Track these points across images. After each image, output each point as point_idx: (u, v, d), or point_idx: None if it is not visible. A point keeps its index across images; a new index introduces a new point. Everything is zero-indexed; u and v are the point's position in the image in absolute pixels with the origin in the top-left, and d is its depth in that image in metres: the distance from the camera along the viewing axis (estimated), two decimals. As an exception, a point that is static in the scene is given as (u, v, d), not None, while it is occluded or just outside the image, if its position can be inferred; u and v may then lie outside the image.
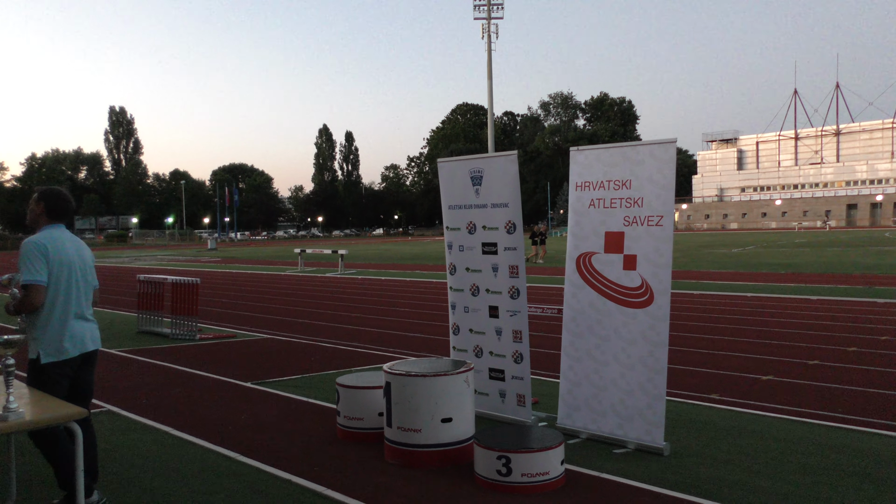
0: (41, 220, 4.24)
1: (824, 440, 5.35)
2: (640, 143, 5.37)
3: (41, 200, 4.23)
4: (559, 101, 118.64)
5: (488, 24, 53.15)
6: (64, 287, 4.14)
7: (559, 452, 4.51)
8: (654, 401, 5.19)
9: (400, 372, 4.97)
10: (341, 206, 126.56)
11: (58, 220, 4.28)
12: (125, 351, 10.02)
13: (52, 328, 4.09)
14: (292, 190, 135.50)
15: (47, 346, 4.08)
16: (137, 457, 5.26)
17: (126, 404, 6.90)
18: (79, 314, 4.24)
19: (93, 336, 4.35)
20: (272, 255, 45.50)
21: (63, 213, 4.28)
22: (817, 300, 14.04)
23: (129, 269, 32.32)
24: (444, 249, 6.89)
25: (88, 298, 4.36)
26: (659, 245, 5.23)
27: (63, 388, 4.16)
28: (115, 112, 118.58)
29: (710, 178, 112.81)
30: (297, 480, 4.69)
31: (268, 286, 21.07)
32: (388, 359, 8.94)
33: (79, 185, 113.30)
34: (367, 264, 31.36)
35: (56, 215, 4.26)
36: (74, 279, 4.20)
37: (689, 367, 8.09)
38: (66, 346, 4.13)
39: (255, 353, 9.65)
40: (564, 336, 5.77)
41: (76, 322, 4.20)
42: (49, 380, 4.07)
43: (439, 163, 6.48)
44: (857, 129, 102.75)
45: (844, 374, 7.57)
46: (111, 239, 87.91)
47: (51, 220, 4.25)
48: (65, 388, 4.18)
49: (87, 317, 4.31)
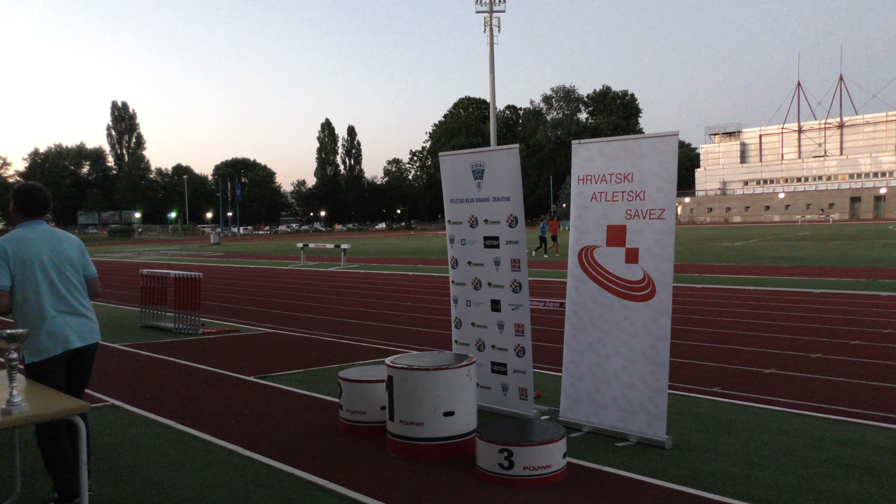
0: (17, 218, 4.20)
1: (827, 433, 5.35)
2: (642, 136, 5.36)
3: (12, 199, 4.18)
4: (561, 95, 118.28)
5: (490, 17, 53.01)
6: (32, 285, 4.04)
7: (561, 446, 4.52)
8: (656, 394, 5.19)
9: (402, 366, 4.97)
10: (344, 200, 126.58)
11: (31, 216, 4.18)
12: (128, 345, 10.04)
13: (29, 328, 4.04)
14: (295, 184, 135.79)
15: (28, 346, 4.03)
16: (141, 450, 5.28)
17: (129, 398, 6.92)
18: (60, 309, 4.10)
19: (81, 331, 4.18)
20: (275, 249, 45.55)
21: (34, 208, 4.17)
22: (820, 293, 14.02)
23: (133, 263, 32.37)
24: (446, 243, 6.85)
25: (74, 291, 4.19)
26: (661, 238, 5.22)
27: (56, 385, 4.07)
28: (118, 107, 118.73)
29: (712, 171, 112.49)
30: (300, 474, 4.70)
31: (270, 281, 21.09)
32: (390, 352, 8.95)
33: (81, 180, 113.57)
34: (369, 258, 31.38)
35: (28, 212, 4.17)
36: (44, 275, 4.07)
37: (691, 360, 8.09)
38: (45, 345, 4.03)
39: (258, 348, 9.67)
40: (567, 329, 5.77)
41: (58, 318, 4.08)
42: (38, 379, 4.01)
43: (441, 156, 6.48)
44: (861, 122, 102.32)
45: (847, 367, 7.56)
46: (114, 234, 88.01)
47: (25, 217, 4.18)
48: (59, 385, 4.09)
49: (74, 311, 4.16)
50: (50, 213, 4.35)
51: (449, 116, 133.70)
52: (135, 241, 79.07)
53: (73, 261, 4.23)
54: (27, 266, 4.05)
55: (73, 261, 4.24)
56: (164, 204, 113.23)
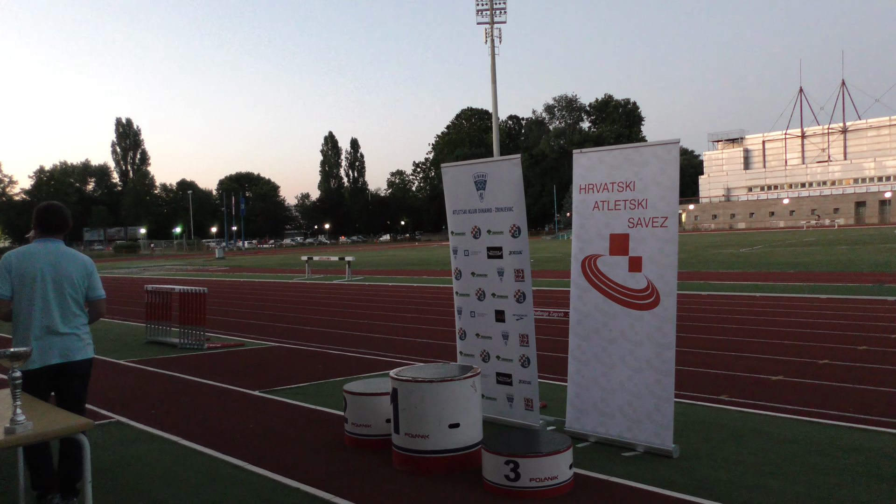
0: (36, 233, 4.42)
1: (836, 440, 5.31)
2: (644, 145, 5.36)
3: (33, 216, 4.40)
4: (564, 104, 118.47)
5: (491, 28, 53.26)
6: (27, 300, 4.24)
7: (567, 456, 4.49)
8: (663, 403, 5.16)
9: (407, 378, 4.96)
10: (348, 212, 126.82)
11: (48, 233, 4.39)
12: (133, 361, 10.04)
13: (17, 339, 4.26)
14: (299, 198, 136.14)
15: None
16: (146, 466, 5.27)
17: (134, 414, 6.91)
18: (47, 325, 4.26)
19: (64, 349, 4.32)
20: (279, 263, 45.61)
21: (49, 226, 4.38)
22: (826, 299, 13.96)
23: (138, 279, 32.45)
24: (450, 254, 6.88)
25: (67, 310, 4.33)
26: (664, 246, 5.21)
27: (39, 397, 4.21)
28: (122, 123, 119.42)
29: (716, 178, 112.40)
30: (306, 488, 4.68)
31: (275, 294, 21.11)
32: (395, 365, 8.93)
33: (87, 197, 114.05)
34: (374, 271, 31.39)
35: (44, 229, 4.38)
36: (41, 291, 4.25)
37: (697, 368, 8.05)
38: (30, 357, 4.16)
39: (263, 362, 9.66)
40: (571, 339, 5.75)
41: (44, 336, 4.24)
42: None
43: (443, 168, 6.48)
44: (864, 126, 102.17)
45: (855, 373, 7.51)
46: (119, 250, 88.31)
47: (43, 234, 4.39)
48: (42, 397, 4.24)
49: (58, 329, 4.29)
50: (67, 232, 4.51)
51: (452, 127, 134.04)
52: (140, 256, 79.29)
53: (73, 280, 4.37)
54: (25, 280, 4.25)
55: (74, 280, 4.37)
56: (169, 219, 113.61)
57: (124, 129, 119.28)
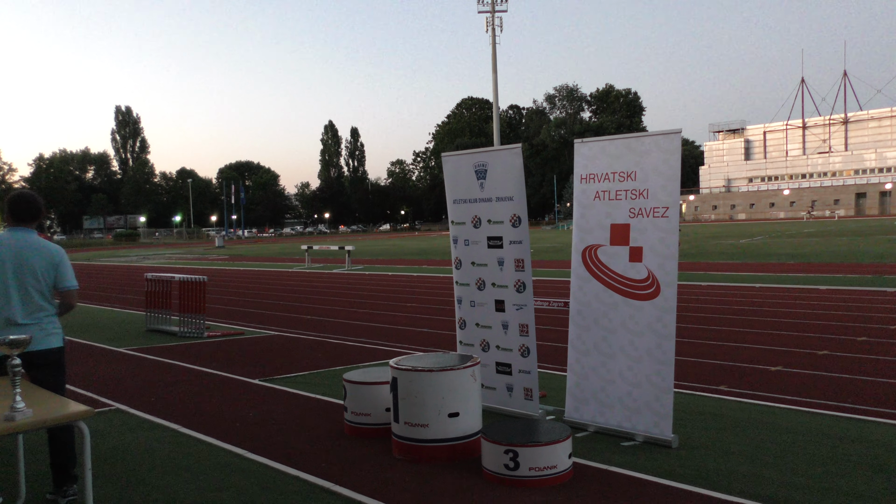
0: (8, 222, 4.37)
1: (834, 431, 5.31)
2: (645, 134, 5.33)
3: (4, 205, 4.36)
4: (564, 94, 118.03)
5: (492, 17, 53.04)
6: None
7: (567, 446, 4.50)
8: (662, 393, 5.16)
9: (407, 367, 4.96)
10: (348, 202, 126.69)
11: (17, 222, 4.34)
12: (133, 349, 10.05)
13: None
14: (299, 187, 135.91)
15: None
16: (146, 454, 5.28)
17: (134, 402, 6.92)
18: (8, 319, 4.21)
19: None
20: (279, 252, 45.60)
21: (19, 215, 4.34)
22: (826, 290, 13.96)
23: (138, 267, 32.44)
24: (450, 244, 6.88)
25: (28, 301, 4.26)
26: (665, 236, 5.19)
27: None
28: (122, 111, 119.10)
29: (717, 168, 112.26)
30: (306, 476, 4.69)
31: (275, 283, 21.11)
32: (395, 354, 8.94)
33: (86, 185, 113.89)
34: (373, 260, 31.39)
35: (14, 219, 4.35)
36: (1, 283, 4.21)
37: (697, 358, 8.05)
38: None
39: (263, 350, 9.67)
40: (571, 329, 5.75)
41: (5, 326, 4.20)
42: None
43: (444, 157, 6.46)
44: (866, 118, 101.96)
45: (854, 364, 7.52)
46: (119, 238, 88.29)
47: (13, 223, 4.36)
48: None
49: (17, 321, 4.23)
50: (39, 222, 4.48)
51: (452, 117, 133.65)
52: (140, 244, 79.25)
53: (35, 271, 4.29)
54: None
55: (37, 272, 4.29)
56: (169, 208, 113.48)
57: (124, 117, 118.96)
